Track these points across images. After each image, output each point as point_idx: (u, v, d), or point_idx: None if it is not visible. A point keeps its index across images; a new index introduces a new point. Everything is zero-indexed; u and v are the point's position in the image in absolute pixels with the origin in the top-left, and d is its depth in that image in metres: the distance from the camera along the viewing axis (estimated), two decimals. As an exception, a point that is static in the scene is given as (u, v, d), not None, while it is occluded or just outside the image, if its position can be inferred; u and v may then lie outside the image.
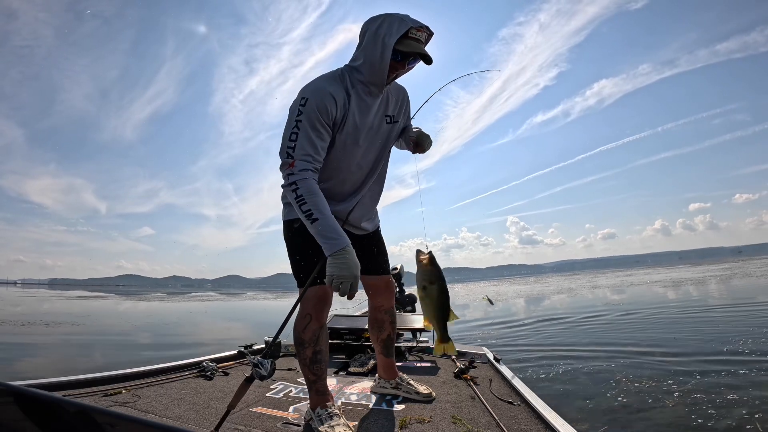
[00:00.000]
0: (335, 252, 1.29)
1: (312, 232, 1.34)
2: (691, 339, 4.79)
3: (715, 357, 3.79)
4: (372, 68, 1.42)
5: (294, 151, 1.35)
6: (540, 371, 3.75)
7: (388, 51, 1.37)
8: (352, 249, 1.32)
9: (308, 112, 1.36)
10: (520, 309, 10.81)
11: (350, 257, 1.30)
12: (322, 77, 1.46)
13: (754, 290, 10.67)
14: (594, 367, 3.77)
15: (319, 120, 1.37)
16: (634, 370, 3.52)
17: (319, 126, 1.38)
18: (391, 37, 1.36)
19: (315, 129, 1.37)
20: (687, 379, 3.14)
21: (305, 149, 1.36)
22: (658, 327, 5.90)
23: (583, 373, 3.59)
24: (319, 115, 1.37)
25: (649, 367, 3.58)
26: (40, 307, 17.09)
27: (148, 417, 1.60)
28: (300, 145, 1.36)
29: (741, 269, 21.28)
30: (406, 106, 1.71)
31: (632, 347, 4.56)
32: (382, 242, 1.83)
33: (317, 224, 1.31)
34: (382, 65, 1.40)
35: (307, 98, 1.37)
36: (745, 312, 6.65)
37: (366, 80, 1.45)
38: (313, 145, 1.37)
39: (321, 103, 1.37)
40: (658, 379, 3.20)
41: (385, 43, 1.37)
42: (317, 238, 1.33)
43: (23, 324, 9.54)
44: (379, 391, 1.94)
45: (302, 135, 1.36)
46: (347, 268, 1.28)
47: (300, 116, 1.37)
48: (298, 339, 1.53)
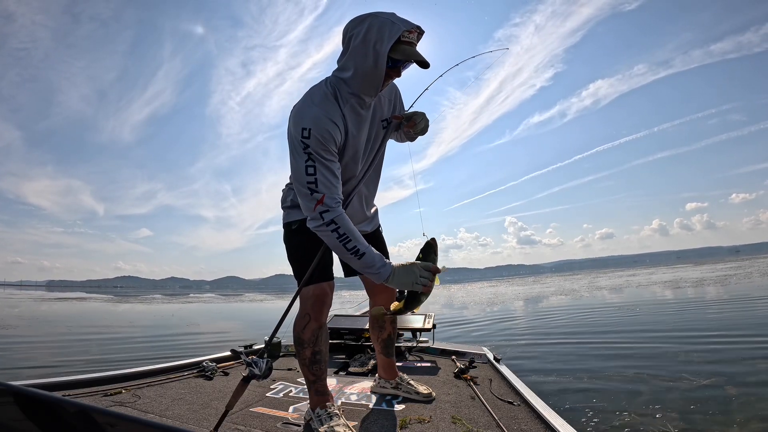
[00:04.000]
0: (388, 277, 1.31)
1: (356, 267, 1.35)
2: (705, 340, 4.78)
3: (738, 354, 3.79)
4: (365, 80, 1.33)
5: (317, 186, 1.28)
6: (540, 371, 3.75)
7: (383, 60, 1.28)
8: (395, 264, 1.34)
9: (315, 145, 1.29)
10: (520, 310, 10.82)
11: (400, 271, 1.32)
12: (313, 100, 1.36)
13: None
14: (595, 367, 3.78)
15: (327, 150, 1.32)
16: (647, 369, 3.52)
17: (330, 156, 1.33)
18: (383, 44, 1.26)
19: (328, 160, 1.32)
20: (693, 381, 3.13)
21: (328, 180, 1.29)
22: (662, 326, 5.91)
23: (584, 373, 3.59)
24: (327, 144, 1.31)
25: (661, 368, 3.58)
26: (38, 308, 17.05)
27: (148, 417, 1.60)
28: (320, 179, 1.28)
29: (753, 268, 20.95)
30: (399, 102, 1.66)
31: (645, 346, 4.57)
32: (382, 242, 1.83)
33: (365, 258, 1.30)
34: (377, 76, 1.31)
35: (309, 129, 1.29)
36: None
37: (358, 92, 1.38)
38: (333, 174, 1.32)
39: (326, 132, 1.31)
40: (664, 379, 3.20)
41: (377, 52, 1.27)
42: (364, 270, 1.34)
43: (22, 325, 9.52)
44: (379, 391, 1.94)
45: (319, 167, 1.29)
46: (407, 280, 1.31)
47: (308, 149, 1.29)
48: (298, 339, 1.52)
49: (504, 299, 14.62)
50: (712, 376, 3.15)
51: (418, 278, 1.31)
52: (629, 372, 3.49)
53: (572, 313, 8.42)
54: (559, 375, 3.57)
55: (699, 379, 3.11)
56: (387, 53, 1.27)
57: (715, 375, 3.20)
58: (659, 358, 3.94)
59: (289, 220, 1.58)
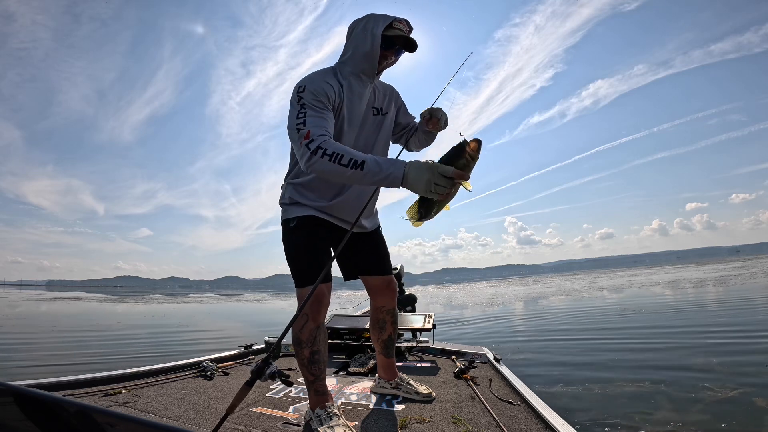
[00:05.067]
0: (404, 177, 1.16)
1: (367, 182, 1.21)
2: (705, 342, 4.78)
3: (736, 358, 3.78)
4: (363, 56, 1.50)
5: (305, 125, 1.31)
6: (541, 371, 3.75)
7: (378, 39, 1.47)
8: (407, 162, 1.20)
9: (308, 97, 1.37)
10: (520, 310, 10.82)
11: (414, 170, 1.15)
12: (314, 72, 1.51)
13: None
14: (596, 368, 3.78)
15: (320, 102, 1.38)
16: (643, 373, 3.52)
17: (322, 107, 1.38)
18: (378, 27, 1.48)
19: (320, 110, 1.37)
20: (694, 383, 3.12)
21: (316, 123, 1.33)
22: (666, 324, 5.90)
23: (584, 374, 3.59)
24: (319, 97, 1.38)
25: (658, 371, 3.58)
26: (37, 308, 17.05)
27: (148, 417, 1.60)
28: (309, 120, 1.33)
29: (756, 268, 20.77)
30: (401, 104, 1.76)
31: (645, 348, 4.57)
32: (383, 242, 1.84)
33: (368, 165, 1.18)
34: (373, 52, 1.49)
35: (304, 86, 1.40)
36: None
37: (357, 70, 1.52)
38: (324, 119, 1.36)
39: (319, 87, 1.40)
40: (665, 379, 3.19)
41: (374, 33, 1.48)
42: (375, 180, 1.19)
43: (22, 325, 9.52)
44: (379, 391, 1.94)
45: (309, 112, 1.35)
46: (421, 176, 1.13)
47: (302, 101, 1.37)
48: (296, 339, 1.53)
49: (504, 299, 14.61)
50: (730, 383, 3.00)
51: (432, 183, 1.12)
52: (630, 373, 3.49)
53: (573, 314, 8.42)
54: (560, 375, 3.57)
55: (718, 388, 2.99)
56: (381, 33, 1.47)
57: (727, 377, 3.16)
58: (662, 359, 3.93)
59: (288, 216, 1.59)
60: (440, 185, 1.13)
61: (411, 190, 1.17)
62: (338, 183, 1.57)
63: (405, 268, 4.07)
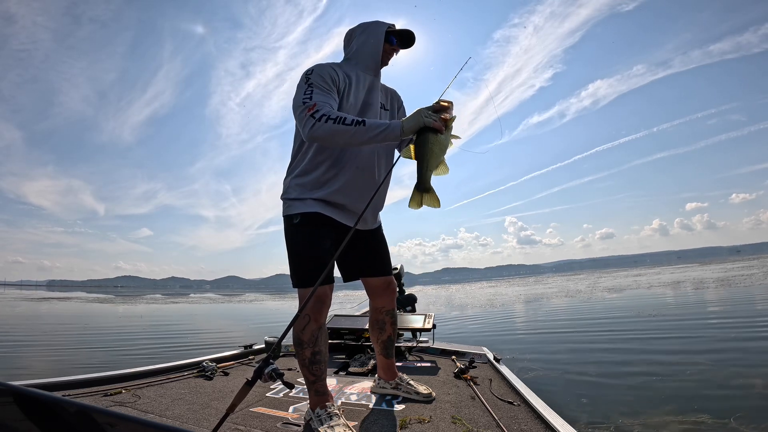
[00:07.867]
0: (401, 129, 1.36)
1: (370, 135, 1.34)
2: (709, 346, 4.77)
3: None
4: (367, 51, 1.61)
5: (311, 99, 1.39)
6: (541, 371, 3.75)
7: (381, 35, 1.61)
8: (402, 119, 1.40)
9: (316, 78, 1.45)
10: (521, 310, 10.81)
11: (408, 120, 1.38)
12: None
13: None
14: (596, 368, 3.77)
15: (327, 83, 1.46)
16: (648, 372, 3.52)
17: (328, 86, 1.46)
18: (380, 27, 1.62)
19: (326, 90, 1.45)
20: (696, 383, 3.12)
21: (323, 99, 1.40)
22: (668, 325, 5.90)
23: (585, 374, 3.59)
24: (326, 77, 1.47)
25: (661, 371, 3.58)
26: (38, 308, 17.05)
27: (148, 417, 1.59)
28: (315, 96, 1.40)
29: (760, 268, 20.65)
30: (401, 106, 1.83)
31: (649, 349, 4.56)
32: (383, 241, 1.83)
33: (370, 123, 1.34)
34: (377, 46, 1.61)
35: (313, 69, 1.49)
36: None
37: (361, 65, 1.63)
38: (330, 97, 1.44)
39: (325, 70, 1.49)
40: (668, 380, 3.19)
41: (377, 31, 1.62)
42: (378, 136, 1.35)
43: (22, 325, 9.52)
44: (379, 391, 1.93)
45: (316, 90, 1.42)
46: (414, 117, 1.39)
47: (309, 81, 1.44)
48: (297, 340, 1.52)
49: (504, 299, 14.61)
50: (730, 384, 3.02)
51: (423, 117, 1.39)
52: (631, 373, 3.49)
53: (573, 314, 8.41)
54: (560, 375, 3.56)
55: (712, 385, 3.08)
56: (385, 31, 1.61)
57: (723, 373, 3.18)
58: (662, 360, 3.93)
59: (290, 212, 1.55)
60: (430, 117, 1.39)
61: (410, 132, 1.38)
62: (341, 146, 1.51)
63: (405, 268, 4.06)
